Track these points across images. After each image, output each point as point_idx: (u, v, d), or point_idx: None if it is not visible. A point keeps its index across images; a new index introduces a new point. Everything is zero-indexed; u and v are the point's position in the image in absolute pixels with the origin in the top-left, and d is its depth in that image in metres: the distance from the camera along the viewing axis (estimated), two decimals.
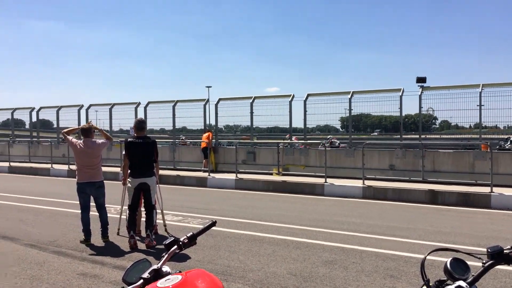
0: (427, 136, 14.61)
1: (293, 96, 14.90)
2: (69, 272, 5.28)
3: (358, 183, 11.69)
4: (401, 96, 13.14)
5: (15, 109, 22.71)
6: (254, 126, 16.05)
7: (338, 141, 16.85)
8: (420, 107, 12.93)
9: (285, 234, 7.17)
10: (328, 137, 17.24)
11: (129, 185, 6.67)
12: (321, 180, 12.22)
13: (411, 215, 8.96)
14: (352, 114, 14.00)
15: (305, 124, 14.90)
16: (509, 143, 14.42)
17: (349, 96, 13.81)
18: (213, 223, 2.11)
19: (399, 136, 13.50)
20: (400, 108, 13.18)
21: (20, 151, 21.30)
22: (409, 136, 15.04)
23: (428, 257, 1.78)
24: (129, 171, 6.67)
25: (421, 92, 13.08)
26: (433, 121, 14.84)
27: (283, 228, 7.59)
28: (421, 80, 16.83)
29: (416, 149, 12.59)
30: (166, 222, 7.52)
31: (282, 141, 15.48)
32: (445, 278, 1.66)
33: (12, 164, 19.41)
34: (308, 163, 14.16)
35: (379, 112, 14.50)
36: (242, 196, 11.71)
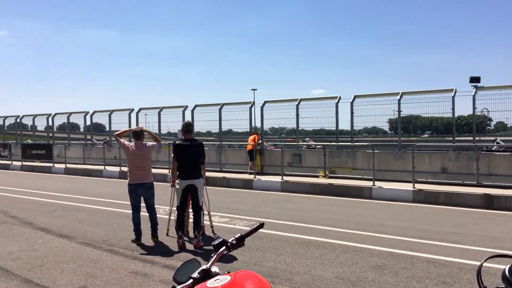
0: (481, 138, 13.96)
1: (340, 98, 14.71)
2: (121, 270, 5.47)
3: (408, 186, 11.36)
4: (453, 97, 12.65)
5: (70, 113, 23.81)
6: (299, 129, 15.98)
7: (314, 143, 17.06)
8: (474, 108, 12.38)
9: (332, 237, 7.08)
10: (306, 139, 17.14)
11: (177, 186, 6.81)
12: (369, 183, 11.98)
13: (464, 220, 8.60)
14: (401, 115, 13.63)
15: (352, 126, 14.65)
16: (495, 144, 14.15)
17: (398, 97, 13.46)
18: (261, 225, 2.11)
19: (451, 138, 13.00)
20: (453, 109, 12.69)
21: (75, 153, 22.29)
22: (462, 138, 14.43)
23: (484, 264, 1.70)
24: (177, 173, 6.82)
25: (475, 92, 12.52)
26: (488, 122, 14.17)
27: (330, 232, 7.50)
28: (474, 79, 16.08)
29: (470, 152, 12.07)
30: (213, 223, 7.62)
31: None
32: (503, 286, 1.58)
33: (68, 165, 20.34)
34: (355, 166, 13.92)
35: (430, 114, 14.00)
36: (288, 199, 11.68)
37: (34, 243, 6.85)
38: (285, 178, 13.65)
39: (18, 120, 27.03)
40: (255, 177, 14.25)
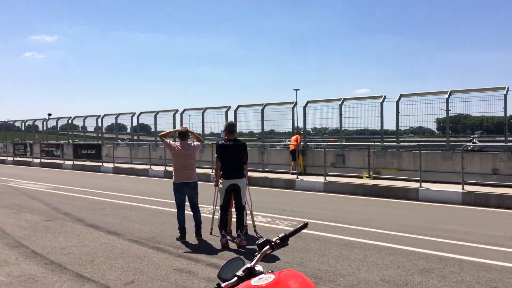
0: None
1: (385, 97, 14.40)
2: (166, 267, 5.60)
3: (457, 188, 10.96)
4: (505, 95, 12.09)
5: (118, 114, 24.63)
6: (343, 129, 15.77)
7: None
8: None
9: (377, 239, 6.94)
10: (283, 139, 16.75)
11: (220, 186, 6.90)
12: (416, 184, 11.65)
13: None
14: (449, 115, 13.18)
15: (397, 126, 14.31)
16: (471, 144, 13.77)
17: (447, 96, 13.01)
18: (305, 225, 2.10)
19: (503, 138, 12.43)
20: (505, 107, 12.14)
21: (123, 153, 23.03)
22: None
23: None
24: (220, 172, 6.91)
25: None
26: None
27: (375, 233, 7.35)
28: None
29: None
30: (256, 223, 7.65)
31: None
32: None
33: (116, 165, 21.04)
34: (400, 167, 13.59)
35: (480, 113, 13.47)
36: (331, 199, 11.56)
37: (85, 239, 7.14)
38: (328, 178, 13.52)
39: (70, 121, 28.28)
40: (297, 177, 14.19)
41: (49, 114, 32.97)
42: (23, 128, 32.03)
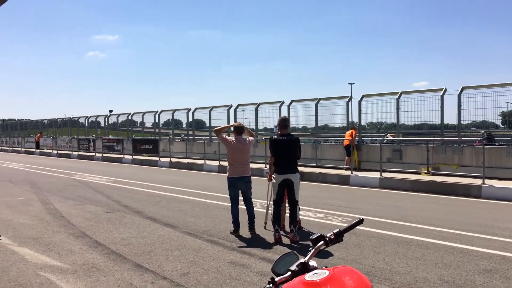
0: None
1: (445, 90, 13.82)
2: (221, 260, 5.69)
3: None
4: None
5: (174, 110, 25.33)
6: (400, 123, 15.30)
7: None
8: None
9: (436, 237, 6.68)
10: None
11: (274, 181, 6.91)
12: (478, 181, 11.10)
13: None
14: None
15: (459, 119, 13.68)
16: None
17: None
18: (361, 221, 2.05)
19: None
20: None
21: (179, 148, 23.66)
22: None
23: None
24: (274, 167, 6.92)
25: None
26: None
27: (433, 231, 7.08)
28: None
29: None
30: (309, 218, 7.60)
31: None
32: None
33: (172, 159, 21.65)
34: (462, 162, 12.98)
35: None
36: (387, 196, 11.26)
37: (143, 230, 7.40)
38: (384, 174, 13.17)
39: (129, 118, 29.43)
40: (352, 173, 13.94)
41: (110, 111, 34.61)
42: (86, 124, 33.73)
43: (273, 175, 6.93)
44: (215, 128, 7.69)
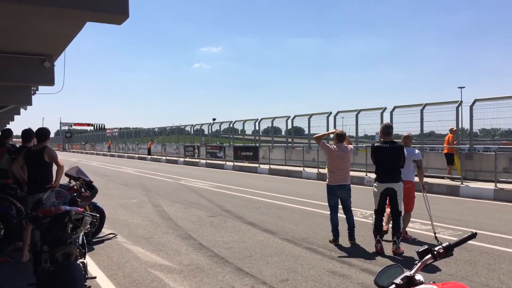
0: None
1: None
2: (319, 269, 5.63)
3: None
4: None
5: (274, 118, 25.74)
6: None
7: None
8: None
9: None
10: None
11: (375, 189, 6.68)
12: None
13: None
14: None
15: None
16: None
17: None
18: (473, 235, 1.91)
19: None
20: None
21: (278, 155, 23.95)
22: None
23: None
24: (375, 175, 6.69)
25: None
26: None
27: None
28: None
29: None
30: (414, 230, 7.22)
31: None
32: None
33: (272, 166, 21.98)
34: None
35: None
36: (503, 209, 10.27)
37: (244, 235, 7.60)
38: (499, 185, 12.05)
39: (231, 125, 30.56)
40: (462, 183, 12.96)
41: (214, 119, 36.20)
42: (191, 132, 35.72)
43: (374, 184, 6.71)
44: (315, 135, 7.64)
